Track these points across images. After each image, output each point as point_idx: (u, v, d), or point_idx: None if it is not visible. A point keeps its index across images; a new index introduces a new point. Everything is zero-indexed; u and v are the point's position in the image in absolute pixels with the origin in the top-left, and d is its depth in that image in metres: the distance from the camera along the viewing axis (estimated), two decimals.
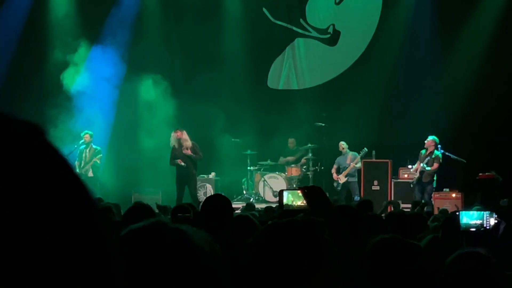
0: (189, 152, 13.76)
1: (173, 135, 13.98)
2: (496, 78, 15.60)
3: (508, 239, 5.15)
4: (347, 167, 15.00)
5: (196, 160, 13.98)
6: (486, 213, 5.30)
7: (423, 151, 14.34)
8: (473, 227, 5.25)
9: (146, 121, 15.92)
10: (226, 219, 4.67)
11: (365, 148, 15.05)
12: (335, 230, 2.45)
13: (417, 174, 14.21)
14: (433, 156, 14.12)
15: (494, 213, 5.31)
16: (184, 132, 13.95)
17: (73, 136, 15.13)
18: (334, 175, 15.08)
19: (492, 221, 5.24)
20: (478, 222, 5.25)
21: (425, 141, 14.28)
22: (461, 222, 5.26)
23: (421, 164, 14.10)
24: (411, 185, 14.41)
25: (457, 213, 5.54)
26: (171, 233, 1.36)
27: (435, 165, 14.09)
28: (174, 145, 13.97)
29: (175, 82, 16.21)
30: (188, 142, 13.86)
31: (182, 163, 13.78)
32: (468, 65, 15.89)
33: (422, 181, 14.18)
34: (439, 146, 14.35)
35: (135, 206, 5.39)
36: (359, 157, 14.99)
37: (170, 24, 17.26)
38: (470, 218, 5.31)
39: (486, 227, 5.20)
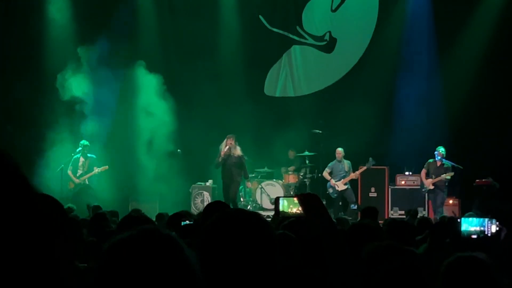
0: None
1: (225, 141, 14.44)
2: (492, 85, 15.62)
3: (509, 246, 5.14)
4: (345, 175, 14.92)
5: (242, 168, 14.50)
6: (487, 220, 5.26)
7: (431, 160, 14.33)
8: (474, 234, 5.21)
9: (144, 128, 15.93)
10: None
11: (370, 158, 14.96)
12: (331, 238, 2.44)
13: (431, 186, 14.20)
14: (445, 166, 14.21)
15: (495, 220, 5.28)
16: (234, 139, 14.43)
17: (71, 141, 15.15)
18: (332, 181, 14.98)
19: (494, 228, 5.21)
20: (479, 228, 5.21)
21: (442, 152, 14.23)
22: (462, 229, 5.22)
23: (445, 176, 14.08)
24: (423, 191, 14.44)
25: (459, 220, 5.50)
26: (164, 240, 1.34)
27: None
28: (223, 150, 14.35)
29: (172, 90, 16.21)
30: (237, 150, 14.38)
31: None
32: (464, 72, 15.92)
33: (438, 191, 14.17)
34: (435, 153, 14.37)
35: (131, 215, 5.37)
36: (365, 167, 14.86)
37: (168, 34, 17.29)
38: (471, 224, 5.27)
39: (487, 234, 5.16)
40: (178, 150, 16.02)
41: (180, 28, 17.06)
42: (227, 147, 14.35)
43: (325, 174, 15.10)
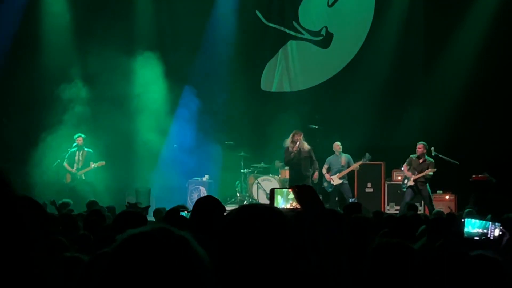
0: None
1: (291, 137, 14.31)
2: (488, 80, 15.63)
3: (510, 251, 5.12)
4: (341, 169, 14.88)
5: (312, 162, 14.36)
6: (491, 223, 5.23)
7: (414, 156, 14.09)
8: (476, 236, 5.18)
9: (140, 123, 15.91)
10: (216, 220, 4.62)
11: (367, 153, 14.83)
12: (325, 230, 2.43)
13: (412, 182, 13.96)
14: (427, 161, 13.97)
15: (499, 224, 5.25)
16: (302, 135, 14.28)
17: (68, 136, 15.15)
18: (327, 176, 14.93)
19: (497, 232, 5.19)
20: (482, 231, 5.19)
21: (422, 147, 13.99)
22: (465, 229, 5.20)
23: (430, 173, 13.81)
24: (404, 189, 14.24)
25: (463, 220, 5.46)
26: (177, 240, 1.32)
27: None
28: (288, 147, 14.29)
29: (167, 86, 16.19)
30: (306, 145, 14.23)
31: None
32: (460, 67, 15.93)
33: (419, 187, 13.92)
34: (432, 148, 14.31)
35: (126, 211, 5.36)
36: (361, 162, 14.78)
37: (164, 29, 17.24)
38: (474, 226, 5.25)
39: (489, 237, 5.13)
40: (175, 145, 16.02)
41: (176, 23, 17.01)
42: (298, 143, 14.20)
43: (324, 170, 15.01)
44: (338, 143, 15.03)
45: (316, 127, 15.80)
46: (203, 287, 1.29)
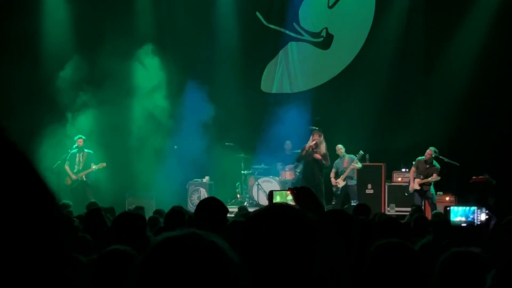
0: (319, 156, 14.11)
1: (312, 136, 14.34)
2: (489, 82, 15.63)
3: (498, 235, 5.15)
4: (344, 171, 14.85)
5: (323, 168, 14.28)
6: (476, 209, 5.28)
7: (421, 158, 14.15)
8: (463, 223, 5.23)
9: (140, 125, 15.91)
10: (220, 222, 4.62)
11: (361, 151, 14.87)
12: (325, 233, 2.42)
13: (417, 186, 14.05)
14: (434, 166, 14.06)
15: (484, 209, 5.29)
16: (322, 136, 14.26)
17: (68, 137, 15.14)
18: (333, 180, 14.88)
19: (483, 217, 5.23)
20: (468, 217, 5.22)
21: (432, 153, 14.07)
22: (451, 218, 5.23)
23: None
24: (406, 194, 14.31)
25: (448, 209, 5.48)
26: (207, 247, 1.31)
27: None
28: (308, 144, 14.29)
29: (167, 88, 16.19)
30: (323, 147, 14.24)
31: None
32: (461, 69, 15.92)
33: (424, 189, 14.02)
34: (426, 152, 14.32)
35: (125, 212, 5.36)
36: (356, 159, 14.81)
37: (164, 31, 17.23)
38: (460, 214, 5.29)
39: (476, 222, 5.18)
40: (175, 147, 16.01)
41: (177, 25, 17.01)
42: (314, 142, 14.19)
43: (332, 175, 14.95)
44: (339, 146, 14.95)
45: (317, 128, 15.78)
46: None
